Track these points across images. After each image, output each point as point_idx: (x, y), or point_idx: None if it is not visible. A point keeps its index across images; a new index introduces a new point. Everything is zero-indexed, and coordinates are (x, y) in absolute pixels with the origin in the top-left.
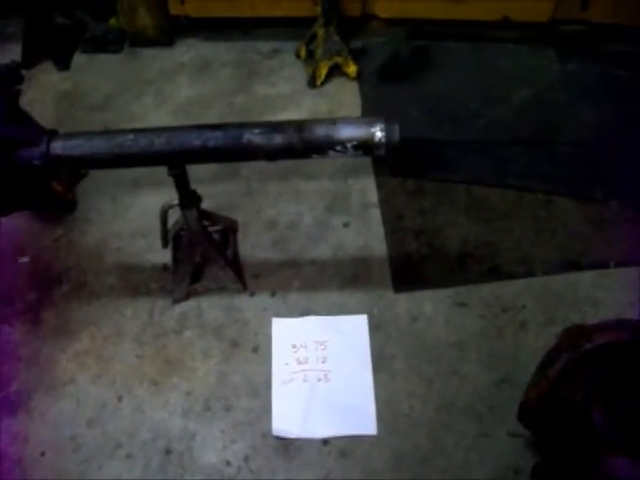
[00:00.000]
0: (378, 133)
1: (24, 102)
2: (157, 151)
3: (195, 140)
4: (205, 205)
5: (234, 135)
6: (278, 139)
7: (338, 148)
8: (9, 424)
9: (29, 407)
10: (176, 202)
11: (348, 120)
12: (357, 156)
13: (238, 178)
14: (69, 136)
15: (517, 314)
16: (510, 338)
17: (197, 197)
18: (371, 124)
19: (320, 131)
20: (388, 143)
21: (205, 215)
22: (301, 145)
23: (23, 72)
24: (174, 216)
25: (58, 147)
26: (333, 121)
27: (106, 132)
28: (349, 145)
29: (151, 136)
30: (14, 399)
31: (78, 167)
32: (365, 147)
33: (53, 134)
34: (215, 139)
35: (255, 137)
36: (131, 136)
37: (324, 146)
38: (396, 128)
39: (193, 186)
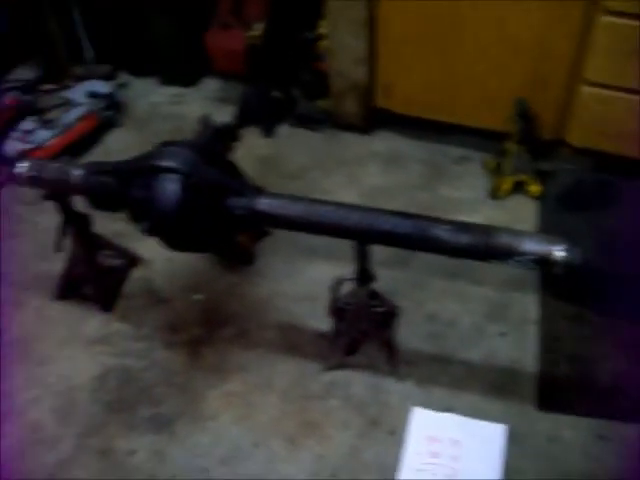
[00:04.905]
0: (561, 252)
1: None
2: (349, 226)
3: (385, 224)
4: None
5: (423, 227)
6: (464, 239)
7: (518, 258)
8: (152, 441)
9: (171, 430)
10: (351, 276)
11: (531, 234)
12: (531, 269)
13: (407, 268)
14: (275, 195)
15: None
16: None
17: (372, 276)
18: (553, 242)
19: (505, 239)
20: (568, 264)
21: (374, 294)
22: (484, 249)
23: None
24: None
25: (264, 203)
26: (517, 232)
27: (308, 199)
28: (529, 258)
29: (347, 210)
30: (160, 420)
31: (275, 225)
32: (544, 263)
33: (260, 190)
34: (404, 226)
35: (443, 232)
36: (330, 207)
37: (506, 254)
38: (578, 251)
39: None
